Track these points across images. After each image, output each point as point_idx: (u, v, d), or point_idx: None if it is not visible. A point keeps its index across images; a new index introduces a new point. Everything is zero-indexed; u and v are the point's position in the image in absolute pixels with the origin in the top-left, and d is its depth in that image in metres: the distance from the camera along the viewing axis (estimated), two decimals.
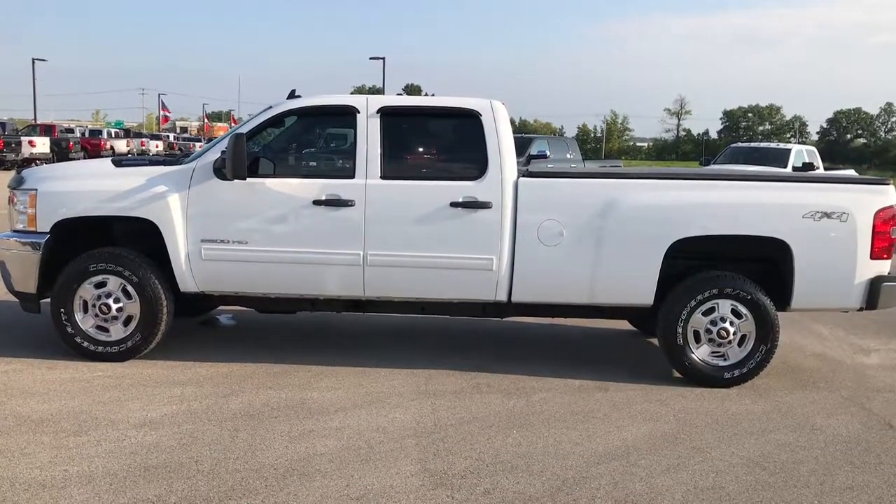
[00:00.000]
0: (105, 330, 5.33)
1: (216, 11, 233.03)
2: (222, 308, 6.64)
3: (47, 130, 34.50)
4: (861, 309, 5.23)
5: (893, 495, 3.67)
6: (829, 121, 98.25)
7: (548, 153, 18.05)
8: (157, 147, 44.66)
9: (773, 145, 20.72)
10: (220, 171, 5.15)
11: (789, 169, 16.68)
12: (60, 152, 30.98)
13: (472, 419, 4.50)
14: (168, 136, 53.05)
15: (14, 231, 5.41)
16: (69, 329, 5.29)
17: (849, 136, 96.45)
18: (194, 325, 6.48)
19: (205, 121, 76.42)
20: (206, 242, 5.23)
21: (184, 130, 78.46)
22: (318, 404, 4.66)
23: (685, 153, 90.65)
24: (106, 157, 8.82)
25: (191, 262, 5.25)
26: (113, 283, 5.27)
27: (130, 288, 5.26)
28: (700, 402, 4.91)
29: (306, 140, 6.00)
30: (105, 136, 40.65)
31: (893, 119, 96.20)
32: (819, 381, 5.46)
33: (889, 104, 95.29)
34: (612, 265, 5.13)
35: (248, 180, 5.15)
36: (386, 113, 5.32)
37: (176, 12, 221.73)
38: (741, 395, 5.07)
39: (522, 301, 5.30)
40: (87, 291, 5.28)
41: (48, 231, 5.26)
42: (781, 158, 17.46)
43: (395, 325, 6.73)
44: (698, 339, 5.22)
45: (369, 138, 5.25)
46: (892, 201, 5.15)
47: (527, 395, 4.94)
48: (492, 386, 5.11)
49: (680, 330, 5.18)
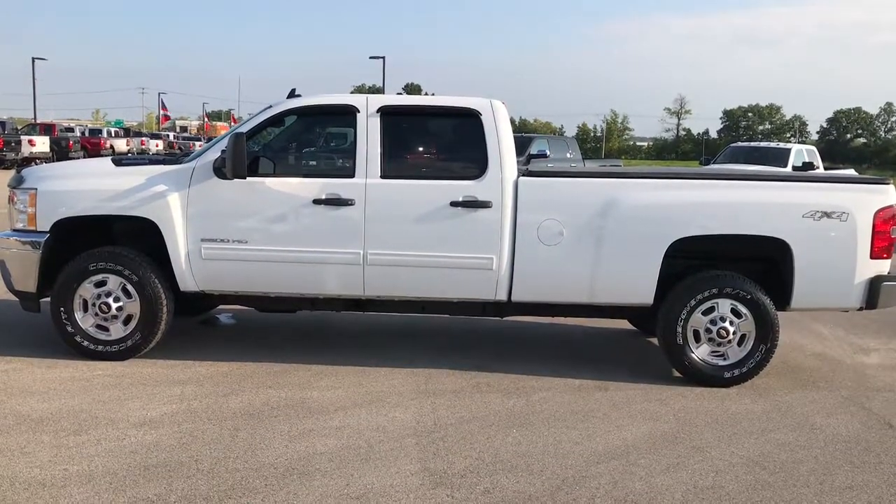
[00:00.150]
0: (105, 329, 5.33)
1: (216, 11, 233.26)
2: (222, 307, 6.64)
3: (47, 129, 34.47)
4: (861, 308, 5.23)
5: (893, 495, 3.68)
6: (829, 120, 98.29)
7: (548, 152, 18.07)
8: (157, 146, 44.63)
9: (773, 145, 20.73)
10: (220, 171, 5.15)
11: (789, 168, 16.70)
12: (60, 151, 30.95)
13: (472, 418, 4.50)
14: (168, 136, 52.96)
15: (14, 230, 5.41)
16: (69, 328, 5.29)
17: (849, 136, 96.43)
18: (194, 325, 6.48)
19: (205, 120, 76.43)
20: (206, 242, 5.23)
21: (183, 130, 78.39)
22: (318, 403, 4.66)
23: (685, 153, 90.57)
24: (106, 157, 8.82)
25: (191, 262, 5.25)
26: (113, 283, 5.27)
27: (130, 287, 5.26)
28: (700, 402, 4.91)
29: (306, 139, 6.01)
30: (105, 136, 40.61)
31: (893, 119, 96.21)
32: (819, 381, 5.47)
33: (889, 104, 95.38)
34: (612, 265, 5.13)
35: (248, 179, 5.15)
36: (386, 112, 5.33)
37: (176, 12, 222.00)
38: (741, 395, 5.07)
39: (522, 300, 5.30)
40: (87, 290, 5.28)
41: (48, 230, 5.26)
42: (781, 158, 17.47)
43: (395, 325, 6.74)
44: (698, 339, 5.23)
45: (369, 138, 5.25)
46: (892, 201, 5.15)
47: (527, 395, 4.94)
48: (492, 385, 5.11)
49: (680, 329, 5.18)
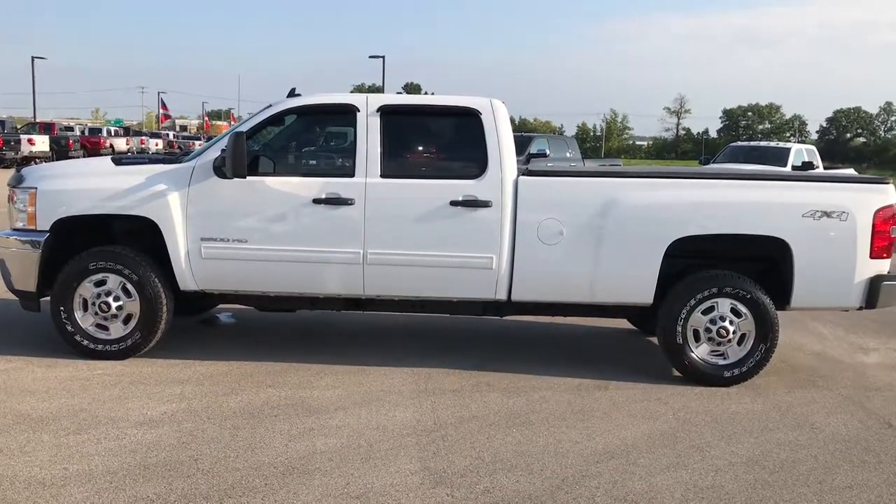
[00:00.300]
0: (105, 328, 5.33)
1: (216, 10, 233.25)
2: (222, 306, 6.65)
3: (47, 128, 34.47)
4: (861, 308, 5.24)
5: (893, 494, 3.68)
6: (829, 120, 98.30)
7: (547, 152, 18.07)
8: (157, 145, 44.61)
9: (773, 144, 20.75)
10: (220, 170, 5.15)
11: (789, 168, 16.71)
12: (60, 150, 30.94)
13: (472, 418, 4.50)
14: (168, 135, 52.96)
15: (14, 229, 5.41)
16: (69, 327, 5.29)
17: (848, 136, 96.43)
18: (194, 324, 6.48)
19: (205, 119, 76.36)
20: (206, 241, 5.23)
21: (183, 129, 78.38)
22: (318, 403, 4.67)
23: (685, 152, 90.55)
24: (105, 156, 8.82)
25: (191, 261, 5.25)
26: (113, 282, 5.27)
27: (130, 286, 5.26)
28: (699, 401, 4.91)
29: (306, 139, 6.00)
30: (105, 135, 40.60)
31: (893, 118, 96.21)
32: (818, 380, 5.47)
33: (889, 103, 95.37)
34: (612, 264, 5.13)
35: (248, 179, 5.15)
36: (386, 112, 5.32)
37: (176, 11, 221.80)
38: (741, 394, 5.07)
39: (522, 300, 5.30)
40: (87, 290, 5.28)
41: (48, 229, 5.26)
42: (781, 157, 17.47)
43: (395, 324, 6.74)
44: (698, 338, 5.23)
45: (369, 137, 5.25)
46: (892, 200, 5.15)
47: (526, 394, 4.94)
48: (491, 384, 5.12)
49: (679, 329, 5.18)
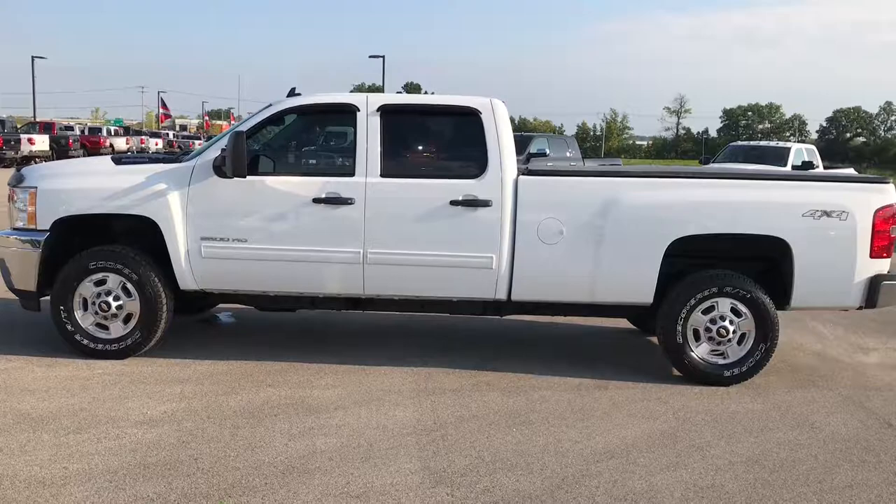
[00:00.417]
0: (105, 328, 5.33)
1: (216, 9, 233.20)
2: (222, 306, 6.65)
3: (47, 128, 34.47)
4: (861, 308, 5.24)
5: (892, 494, 3.68)
6: (829, 119, 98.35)
7: (547, 151, 18.10)
8: (157, 145, 44.62)
9: (773, 144, 20.77)
10: (220, 169, 5.14)
11: (789, 167, 16.71)
12: (60, 150, 30.92)
13: (472, 417, 4.50)
14: (167, 134, 52.98)
15: (14, 229, 5.40)
16: (69, 327, 5.29)
17: (848, 135, 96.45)
18: (194, 323, 6.48)
19: (205, 118, 76.34)
20: (206, 240, 5.23)
21: (183, 128, 78.38)
22: (318, 402, 4.67)
23: (685, 152, 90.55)
24: (105, 155, 8.82)
25: (191, 260, 5.25)
26: (113, 281, 5.27)
27: (130, 286, 5.26)
28: (699, 401, 4.91)
29: (306, 138, 6.00)
30: (104, 134, 40.62)
31: (893, 118, 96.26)
32: (818, 380, 5.47)
33: (888, 103, 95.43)
34: (612, 264, 5.13)
35: (248, 178, 5.14)
36: (386, 111, 5.32)
37: (175, 10, 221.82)
38: (740, 394, 5.07)
39: (522, 299, 5.30)
40: (87, 289, 5.28)
41: (48, 229, 5.26)
42: (781, 157, 17.48)
43: (395, 324, 6.74)
44: (698, 338, 5.23)
45: (369, 136, 5.25)
46: (892, 200, 5.15)
47: (526, 394, 4.94)
48: (491, 384, 5.12)
49: (679, 328, 5.18)
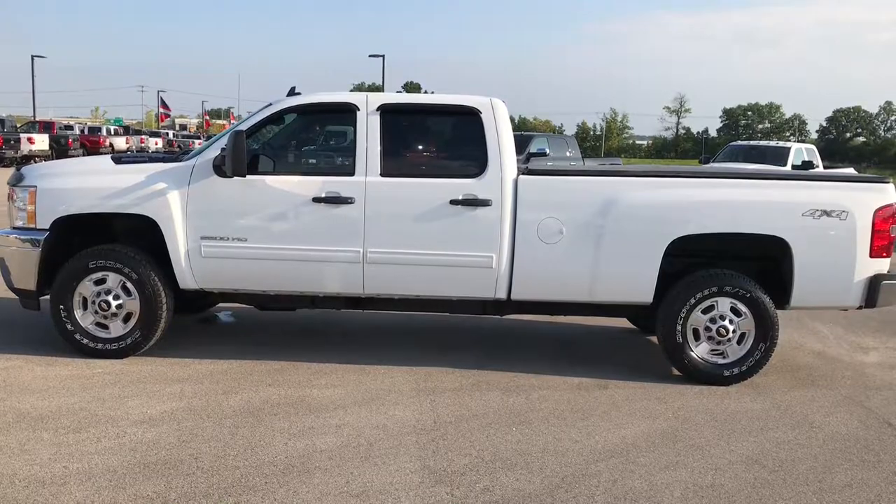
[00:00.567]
0: (104, 327, 5.33)
1: (216, 9, 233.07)
2: (222, 305, 6.65)
3: (46, 127, 34.48)
4: (860, 307, 5.24)
5: (892, 493, 3.68)
6: (829, 119, 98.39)
7: (547, 151, 18.07)
8: (157, 144, 44.59)
9: (773, 143, 20.77)
10: (220, 169, 5.14)
11: (789, 167, 16.71)
12: (60, 149, 30.93)
13: (472, 416, 4.50)
14: (167, 134, 52.97)
15: (14, 228, 5.40)
16: (69, 326, 5.29)
17: (848, 135, 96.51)
18: (194, 323, 6.48)
19: (205, 118, 76.29)
20: (206, 239, 5.22)
21: (183, 128, 78.37)
22: (318, 401, 4.67)
23: (685, 151, 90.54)
24: (105, 155, 8.81)
25: (190, 259, 5.25)
26: (112, 280, 5.27)
27: (130, 285, 5.26)
28: (699, 400, 4.91)
29: (306, 137, 6.01)
30: (104, 134, 40.62)
31: (893, 117, 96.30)
32: (818, 380, 5.47)
33: (888, 102, 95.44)
34: (612, 263, 5.13)
35: (248, 177, 5.14)
36: (386, 110, 5.32)
37: (176, 9, 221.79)
38: (740, 393, 5.07)
39: (522, 299, 5.30)
40: (87, 288, 5.28)
41: (48, 228, 5.26)
42: (781, 157, 17.49)
43: (395, 323, 6.74)
44: (697, 337, 5.23)
45: (369, 136, 5.25)
46: (892, 200, 5.15)
47: (526, 393, 4.94)
48: (491, 383, 5.12)
49: (679, 328, 5.18)
